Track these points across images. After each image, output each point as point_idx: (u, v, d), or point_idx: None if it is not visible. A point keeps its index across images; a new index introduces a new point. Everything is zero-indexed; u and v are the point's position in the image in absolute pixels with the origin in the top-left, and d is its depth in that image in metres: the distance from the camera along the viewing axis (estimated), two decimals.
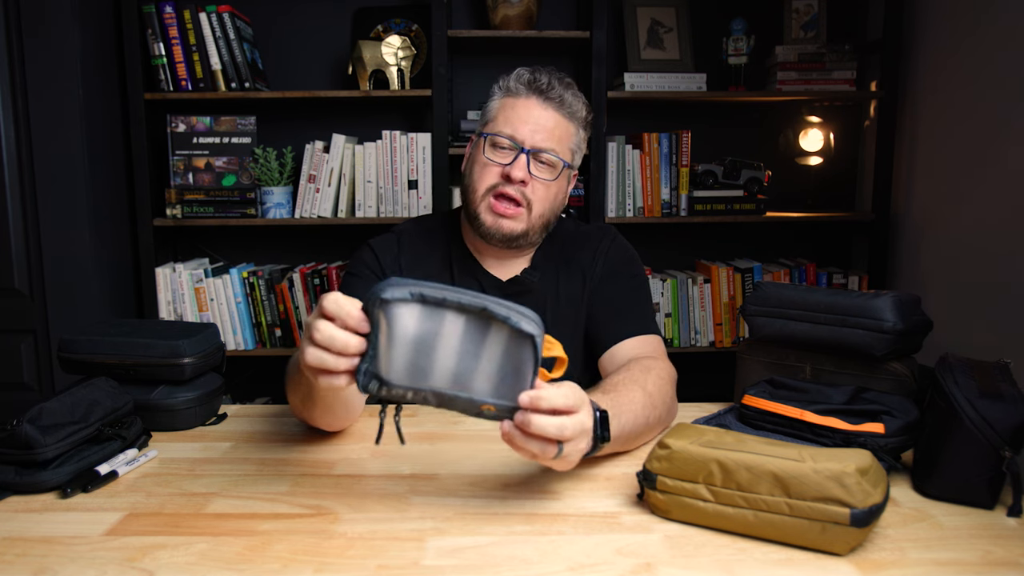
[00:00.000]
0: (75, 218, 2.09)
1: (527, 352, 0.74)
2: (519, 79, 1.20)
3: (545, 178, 1.19)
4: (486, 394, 0.75)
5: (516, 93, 1.20)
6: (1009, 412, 0.80)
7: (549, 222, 1.24)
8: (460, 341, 0.73)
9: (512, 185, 1.17)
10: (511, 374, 0.74)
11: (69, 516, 0.83)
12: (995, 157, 1.78)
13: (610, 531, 0.79)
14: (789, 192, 2.48)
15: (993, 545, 0.75)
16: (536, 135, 1.17)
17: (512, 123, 1.18)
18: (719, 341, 2.34)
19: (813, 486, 0.71)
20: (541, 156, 1.18)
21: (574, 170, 1.27)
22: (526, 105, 1.19)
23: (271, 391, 2.45)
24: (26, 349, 2.15)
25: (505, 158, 1.18)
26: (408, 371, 0.73)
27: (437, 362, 0.73)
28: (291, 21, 2.41)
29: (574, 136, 1.23)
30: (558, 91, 1.19)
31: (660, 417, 1.04)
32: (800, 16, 2.31)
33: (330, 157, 2.21)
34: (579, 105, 1.22)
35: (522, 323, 0.73)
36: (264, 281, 2.27)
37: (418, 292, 0.72)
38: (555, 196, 1.22)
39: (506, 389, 0.75)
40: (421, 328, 0.73)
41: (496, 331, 0.73)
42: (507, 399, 0.75)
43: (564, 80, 1.21)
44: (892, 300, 1.05)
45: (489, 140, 1.19)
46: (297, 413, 1.08)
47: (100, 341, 1.09)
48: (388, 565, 0.72)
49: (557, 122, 1.19)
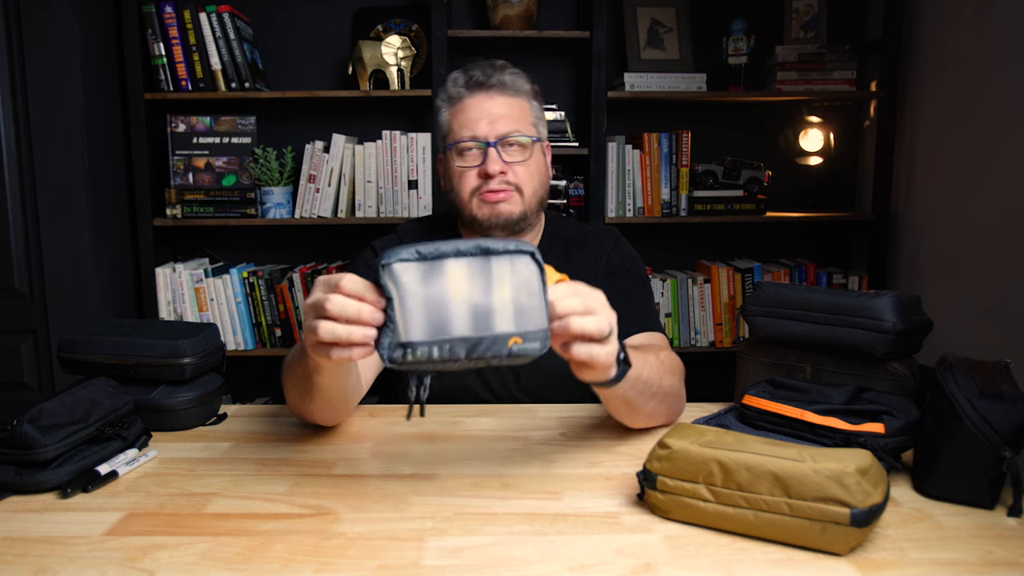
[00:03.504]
0: (75, 218, 2.09)
1: (532, 271, 0.76)
2: (456, 84, 1.21)
3: (521, 159, 1.20)
4: (509, 327, 0.75)
5: (459, 97, 1.21)
6: (1009, 412, 0.80)
7: (542, 199, 1.25)
8: (468, 284, 0.75)
9: (493, 180, 1.18)
10: (525, 299, 0.76)
11: (69, 516, 0.83)
12: (995, 157, 1.78)
13: (610, 531, 0.79)
14: (789, 192, 2.48)
15: (993, 545, 0.75)
16: (495, 125, 1.18)
17: (468, 125, 1.19)
18: (719, 341, 2.34)
19: (813, 486, 0.71)
20: (508, 141, 1.19)
21: (545, 141, 1.28)
22: (472, 103, 1.19)
23: (271, 391, 2.45)
24: (26, 349, 2.15)
25: (476, 159, 1.19)
26: (428, 326, 0.74)
27: (453, 310, 0.74)
28: (291, 21, 2.41)
29: (529, 110, 1.23)
30: (496, 77, 1.20)
31: (672, 388, 1.06)
32: (800, 16, 2.31)
33: (330, 157, 2.21)
34: (521, 81, 1.23)
35: (519, 245, 0.76)
36: (264, 281, 2.27)
37: (413, 250, 0.74)
38: (538, 172, 1.23)
39: (525, 316, 0.76)
40: (428, 283, 0.74)
41: (497, 264, 0.76)
42: (528, 326, 0.76)
43: (497, 64, 1.22)
44: (892, 300, 1.05)
45: (454, 150, 1.20)
46: (294, 408, 1.08)
47: (100, 341, 1.09)
48: (388, 565, 0.72)
49: (508, 105, 1.20)
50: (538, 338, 0.76)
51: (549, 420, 1.13)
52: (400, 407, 1.19)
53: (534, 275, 0.76)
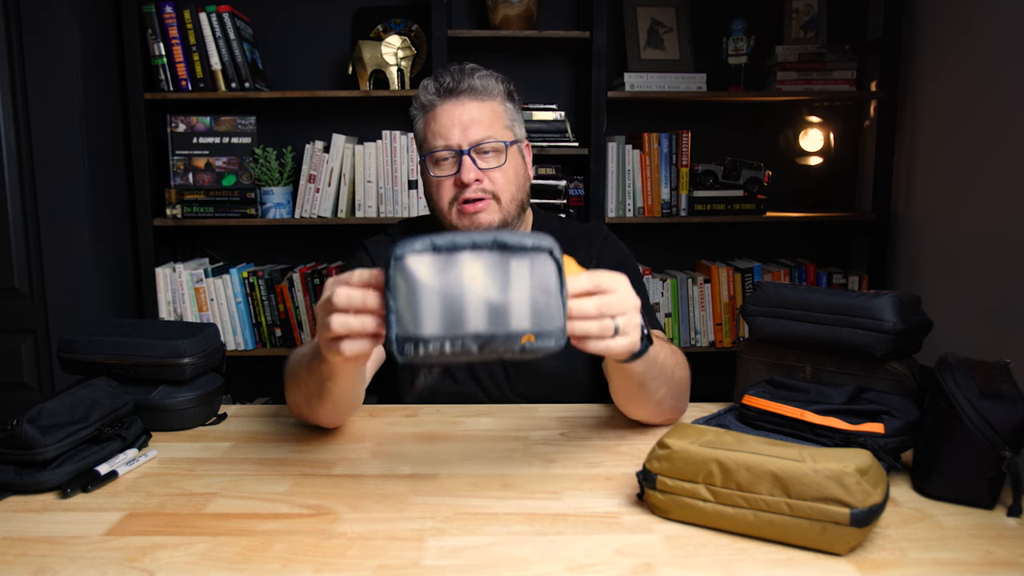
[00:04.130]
0: (75, 218, 2.09)
1: (550, 269, 0.75)
2: (427, 91, 1.20)
3: (496, 165, 1.18)
4: (523, 324, 0.74)
5: (431, 105, 1.20)
6: (1009, 412, 0.80)
7: (522, 202, 1.24)
8: (484, 280, 0.73)
9: (469, 188, 1.16)
10: (541, 296, 0.74)
11: (69, 516, 0.83)
12: (995, 157, 1.78)
13: (610, 531, 0.79)
14: (789, 192, 2.48)
15: (993, 545, 0.75)
16: (467, 132, 1.17)
17: (441, 133, 1.18)
18: (719, 341, 2.34)
19: (813, 486, 0.71)
20: (481, 148, 1.17)
21: (523, 141, 1.26)
22: (444, 111, 1.18)
23: (271, 391, 2.45)
24: (26, 349, 2.15)
25: (451, 168, 1.18)
26: (442, 321, 0.73)
27: (468, 305, 0.73)
28: (291, 21, 2.41)
29: (503, 113, 1.21)
30: (466, 82, 1.18)
31: (682, 380, 1.07)
32: (800, 16, 2.31)
33: (330, 157, 2.21)
34: (491, 82, 1.21)
35: (537, 241, 0.74)
36: (264, 281, 2.27)
37: (428, 241, 0.73)
38: (516, 175, 1.21)
39: (541, 313, 0.74)
40: (442, 275, 0.73)
41: (515, 259, 0.74)
42: (544, 324, 0.75)
43: (466, 68, 1.20)
44: (892, 300, 1.05)
45: (429, 159, 1.20)
46: (296, 410, 1.08)
47: (100, 341, 1.09)
48: (388, 565, 0.72)
49: (480, 110, 1.18)
50: (553, 336, 0.75)
51: (549, 420, 1.13)
52: (400, 407, 1.19)
53: (552, 273, 0.75)
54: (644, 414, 1.07)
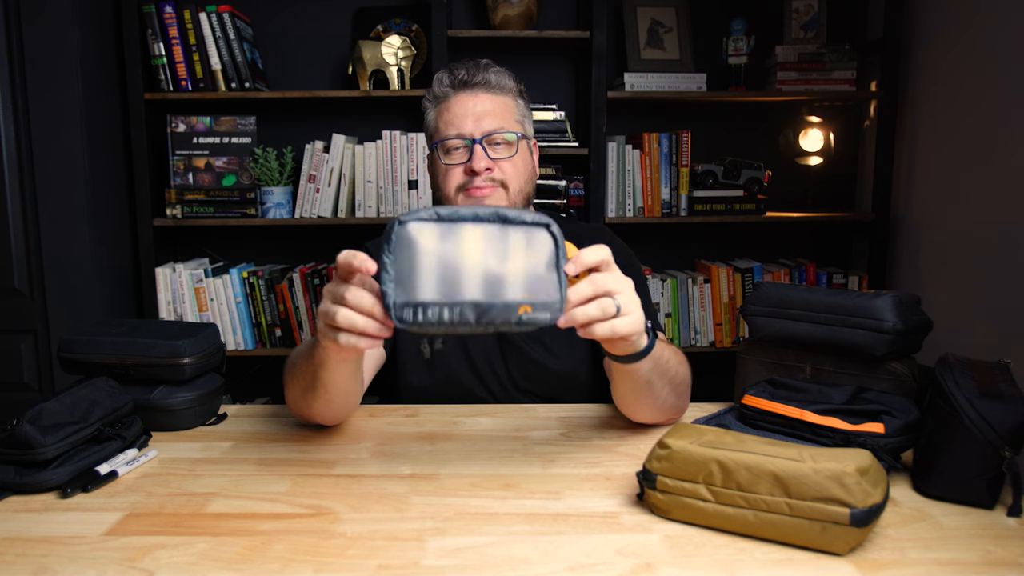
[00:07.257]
0: (75, 218, 2.09)
1: (548, 244, 0.77)
2: (441, 83, 1.23)
3: (507, 156, 1.21)
4: (520, 295, 0.76)
5: (445, 96, 1.22)
6: (1009, 412, 0.80)
7: (529, 195, 1.27)
8: (483, 250, 0.75)
9: (479, 176, 1.19)
10: (538, 270, 0.76)
11: (69, 516, 0.83)
12: (995, 157, 1.78)
13: (610, 531, 0.79)
14: (789, 192, 2.48)
15: (993, 545, 0.75)
16: (480, 123, 1.19)
17: (453, 123, 1.20)
18: (719, 341, 2.34)
19: (813, 486, 0.71)
20: (494, 138, 1.20)
21: (532, 139, 1.29)
22: (458, 102, 1.21)
23: (271, 391, 2.45)
24: (26, 349, 2.15)
25: (462, 157, 1.20)
26: (440, 286, 0.74)
27: (466, 273, 0.75)
28: (291, 21, 2.41)
29: (514, 108, 1.25)
30: (480, 76, 1.21)
31: (685, 380, 1.07)
32: (800, 16, 2.31)
33: (330, 157, 2.21)
34: (505, 79, 1.24)
35: (537, 217, 0.77)
36: (264, 281, 2.27)
37: (432, 211, 0.75)
38: (525, 168, 1.24)
39: (537, 286, 0.76)
40: (443, 243, 0.75)
41: (515, 232, 0.76)
42: (540, 296, 0.76)
43: (481, 63, 1.23)
44: (892, 300, 1.05)
45: (441, 148, 1.22)
46: (294, 407, 1.08)
47: (100, 341, 1.09)
48: (388, 565, 0.72)
49: (493, 103, 1.21)
50: (548, 309, 0.77)
51: (549, 420, 1.13)
52: (400, 407, 1.19)
53: (550, 247, 0.77)
54: (648, 415, 1.07)
